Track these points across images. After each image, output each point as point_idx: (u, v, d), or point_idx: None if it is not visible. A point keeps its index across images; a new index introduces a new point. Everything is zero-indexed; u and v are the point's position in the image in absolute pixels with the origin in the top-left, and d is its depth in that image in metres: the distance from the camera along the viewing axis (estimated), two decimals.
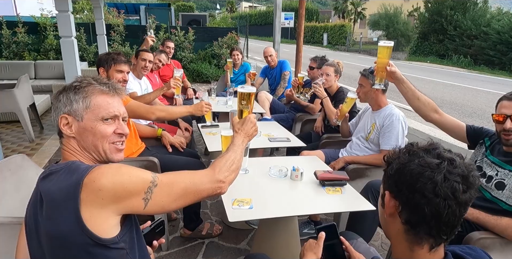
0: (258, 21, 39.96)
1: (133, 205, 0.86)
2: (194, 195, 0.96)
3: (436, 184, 0.71)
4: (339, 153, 2.48)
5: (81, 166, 0.87)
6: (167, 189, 0.91)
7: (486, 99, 8.29)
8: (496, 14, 17.52)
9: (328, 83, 2.93)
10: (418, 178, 0.72)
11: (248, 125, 1.27)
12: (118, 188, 0.84)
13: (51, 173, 0.87)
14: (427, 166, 0.72)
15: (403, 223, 0.77)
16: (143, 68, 2.98)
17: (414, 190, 0.73)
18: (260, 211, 1.46)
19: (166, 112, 2.20)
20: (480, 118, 6.35)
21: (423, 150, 0.76)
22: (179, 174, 0.97)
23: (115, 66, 2.21)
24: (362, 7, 31.32)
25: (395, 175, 0.77)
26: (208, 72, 8.68)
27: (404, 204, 0.76)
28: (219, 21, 11.99)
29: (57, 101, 0.97)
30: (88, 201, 0.81)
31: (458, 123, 1.77)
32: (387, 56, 1.71)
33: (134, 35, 8.51)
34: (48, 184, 0.85)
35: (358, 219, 1.80)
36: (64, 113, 0.96)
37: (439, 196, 0.70)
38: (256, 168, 1.90)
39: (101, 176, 0.83)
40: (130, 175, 0.87)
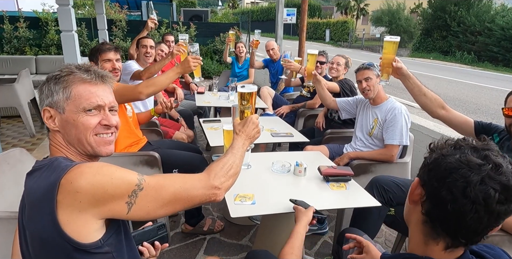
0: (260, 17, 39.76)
1: (114, 209, 0.78)
2: (184, 202, 0.88)
3: (469, 184, 0.65)
4: (343, 148, 2.45)
5: (61, 164, 0.80)
6: (154, 193, 0.83)
7: (490, 95, 8.23)
8: (500, 10, 17.35)
9: (337, 73, 2.91)
10: (451, 172, 0.67)
11: (250, 127, 1.18)
12: (98, 190, 0.76)
13: (35, 169, 0.82)
14: (466, 163, 0.66)
15: (423, 213, 0.73)
16: (145, 55, 2.93)
17: (443, 184, 0.68)
18: (262, 206, 1.43)
19: (154, 86, 1.96)
20: (484, 114, 6.30)
21: (471, 147, 0.70)
22: (169, 177, 0.89)
23: (101, 57, 2.12)
24: (365, 3, 31.09)
25: (431, 164, 0.72)
26: (210, 68, 8.64)
27: (429, 195, 0.72)
28: (221, 17, 11.92)
29: (40, 93, 0.90)
30: (64, 203, 0.74)
31: (465, 119, 1.72)
32: (393, 51, 1.67)
33: (136, 30, 8.41)
34: (30, 182, 0.81)
35: (363, 215, 1.76)
36: (46, 106, 0.89)
37: (467, 198, 0.65)
38: (258, 163, 1.87)
39: (79, 177, 0.75)
40: (112, 176, 0.78)
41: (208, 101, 3.42)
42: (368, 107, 2.33)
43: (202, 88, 3.90)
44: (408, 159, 2.27)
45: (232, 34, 4.27)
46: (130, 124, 2.22)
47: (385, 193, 1.72)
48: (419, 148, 3.04)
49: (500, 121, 5.57)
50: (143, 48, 2.91)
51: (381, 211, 1.71)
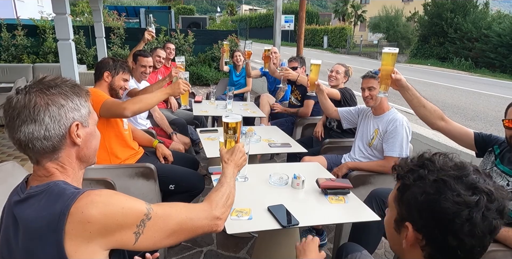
0: (258, 24, 40.03)
1: (122, 239, 0.77)
2: (188, 232, 0.88)
3: (475, 225, 0.63)
4: (341, 158, 2.42)
5: (66, 191, 0.76)
6: (161, 223, 0.82)
7: (488, 102, 8.24)
8: (496, 17, 17.51)
9: (336, 81, 2.90)
10: (454, 218, 0.64)
11: (238, 156, 1.22)
12: (109, 220, 0.74)
13: (30, 196, 0.77)
14: (464, 204, 0.63)
15: (425, 257, 0.70)
16: (142, 74, 2.94)
17: (448, 233, 0.65)
18: (259, 222, 1.40)
19: (141, 103, 1.95)
20: (482, 121, 6.29)
21: (454, 178, 0.66)
22: (175, 207, 0.89)
23: (122, 74, 2.19)
24: (363, 10, 31.34)
25: (422, 210, 0.67)
26: (208, 75, 8.65)
27: (431, 241, 0.68)
28: (219, 24, 12.00)
29: (57, 107, 0.81)
30: (73, 234, 0.71)
31: (465, 130, 1.70)
32: (392, 63, 1.66)
33: (134, 38, 8.47)
34: (26, 210, 0.75)
35: (362, 229, 1.73)
36: (75, 120, 0.84)
37: (475, 237, 0.63)
38: (255, 176, 1.84)
39: (90, 206, 0.73)
40: (123, 206, 0.77)
41: (205, 111, 3.39)
42: (370, 117, 2.31)
43: (199, 97, 3.88)
44: None
45: (227, 45, 4.27)
46: (125, 137, 2.20)
47: (384, 206, 1.68)
48: None
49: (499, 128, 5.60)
50: (142, 67, 2.91)
51: (381, 224, 1.66)
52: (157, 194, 2.11)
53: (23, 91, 0.79)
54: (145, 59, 2.91)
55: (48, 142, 0.80)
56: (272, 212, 1.46)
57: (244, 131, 2.53)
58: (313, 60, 2.34)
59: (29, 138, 0.78)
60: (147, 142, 2.44)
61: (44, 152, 0.81)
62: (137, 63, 2.90)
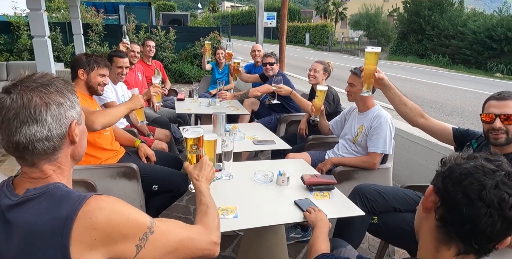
0: (241, 21, 39.87)
1: (123, 250, 0.74)
2: (188, 252, 0.86)
3: (484, 187, 0.67)
4: (325, 154, 2.44)
5: (71, 194, 0.74)
6: (163, 239, 0.80)
7: (464, 97, 8.49)
8: (472, 15, 18.04)
9: (315, 79, 2.90)
10: (467, 176, 0.69)
11: (206, 170, 1.20)
12: (114, 228, 0.72)
13: (28, 199, 0.73)
14: (481, 168, 0.69)
15: (437, 219, 0.74)
16: (119, 75, 2.87)
17: (459, 188, 0.69)
18: (245, 220, 1.39)
19: (109, 116, 1.94)
20: (459, 116, 6.48)
21: (485, 158, 0.73)
22: (176, 224, 0.88)
23: (98, 70, 2.11)
24: (343, 7, 31.69)
25: (445, 172, 0.74)
26: (191, 72, 8.56)
27: (444, 201, 0.73)
28: (201, 21, 11.85)
29: (59, 105, 0.78)
30: (79, 239, 0.68)
31: (444, 126, 1.76)
32: (375, 62, 1.68)
33: (113, 35, 8.27)
34: (25, 214, 0.71)
35: (346, 224, 1.75)
36: (74, 118, 0.82)
37: (483, 201, 0.66)
38: (240, 173, 1.83)
39: (98, 212, 0.71)
40: (129, 216, 0.76)
41: (188, 109, 3.35)
42: (355, 114, 2.34)
43: (182, 94, 3.82)
44: (390, 164, 2.29)
45: (208, 44, 4.24)
46: (106, 137, 2.15)
47: (368, 202, 1.71)
48: (399, 152, 3.08)
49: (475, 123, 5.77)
50: (118, 68, 2.85)
51: (365, 220, 1.70)
52: (140, 194, 2.07)
53: (16, 91, 0.75)
54: (121, 60, 2.85)
55: (49, 142, 0.77)
56: (299, 205, 1.49)
57: (228, 129, 2.51)
58: (320, 86, 2.35)
59: (31, 139, 0.74)
60: (128, 142, 2.39)
61: (45, 153, 0.78)
62: (112, 64, 2.83)
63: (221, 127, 2.44)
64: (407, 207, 1.72)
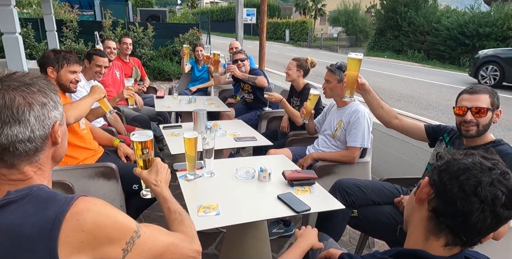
0: (220, 17, 39.53)
1: (110, 254, 0.73)
2: (172, 257, 0.85)
3: (480, 183, 0.69)
4: (306, 150, 2.47)
5: (57, 196, 0.72)
6: (149, 243, 0.80)
7: (439, 92, 8.74)
8: (445, 12, 18.54)
9: (290, 77, 2.93)
10: (465, 172, 0.71)
11: (163, 172, 1.13)
12: (101, 231, 0.71)
13: (10, 202, 0.70)
14: (479, 165, 0.71)
15: (430, 210, 0.76)
16: (96, 74, 2.78)
17: (455, 182, 0.71)
18: (227, 217, 1.40)
19: (77, 109, 1.89)
20: (435, 110, 6.67)
21: (481, 156, 0.75)
22: (160, 230, 0.87)
23: (68, 67, 2.02)
24: (322, 4, 31.95)
25: (442, 166, 0.76)
26: (170, 69, 8.43)
27: (438, 193, 0.75)
28: (179, 17, 11.68)
29: (42, 106, 0.76)
30: (66, 241, 0.67)
31: (417, 125, 1.85)
32: (357, 68, 1.72)
33: (89, 32, 8.01)
34: (8, 217, 0.68)
35: (327, 218, 1.78)
36: (57, 119, 0.80)
37: (477, 196, 0.69)
38: (222, 170, 1.83)
39: (86, 214, 0.70)
40: (116, 219, 0.74)
41: (168, 106, 3.30)
42: (334, 109, 2.38)
43: (161, 92, 3.76)
44: (369, 158, 2.34)
45: (187, 48, 4.17)
46: (83, 137, 2.10)
47: (348, 196, 1.75)
48: (377, 146, 3.15)
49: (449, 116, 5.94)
50: (97, 67, 2.75)
51: (345, 213, 1.74)
52: (119, 194, 2.03)
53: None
54: (101, 59, 2.76)
55: (31, 143, 0.75)
56: (283, 200, 1.51)
57: (208, 126, 2.50)
58: (313, 90, 2.37)
59: (12, 140, 0.72)
60: (107, 141, 2.34)
61: (26, 154, 0.75)
62: (91, 62, 2.74)
63: (201, 124, 2.43)
64: (386, 200, 1.77)
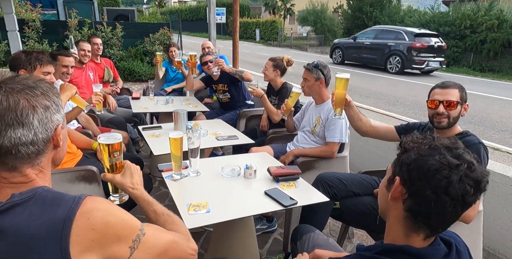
0: (189, 17, 39.01)
1: (118, 252, 0.74)
2: (175, 254, 0.86)
3: (451, 183, 0.72)
4: (286, 147, 2.53)
5: (64, 196, 0.72)
6: (153, 240, 0.81)
7: (405, 88, 9.15)
8: (408, 11, 19.37)
9: (267, 77, 2.99)
10: (435, 174, 0.74)
11: (137, 175, 1.09)
12: (109, 230, 0.72)
13: (15, 204, 0.70)
14: (447, 164, 0.74)
15: (405, 210, 0.79)
16: (64, 75, 2.69)
17: (427, 184, 0.74)
18: (218, 214, 1.42)
19: None
20: (402, 106, 6.98)
21: (445, 147, 0.77)
22: (159, 228, 0.89)
23: (41, 68, 1.96)
24: (291, 4, 32.33)
25: (411, 164, 0.78)
26: (141, 70, 8.26)
27: (411, 194, 0.78)
28: (148, 17, 11.43)
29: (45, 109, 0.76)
30: (77, 241, 0.68)
31: (389, 128, 1.98)
32: (345, 87, 1.80)
33: (53, 32, 7.72)
34: (15, 219, 0.68)
35: (311, 211, 1.85)
36: (59, 122, 0.80)
37: (449, 195, 0.73)
38: (207, 169, 1.85)
39: (96, 213, 0.71)
40: (123, 218, 0.76)
41: (145, 107, 3.26)
42: (312, 107, 2.45)
43: (137, 93, 3.69)
44: (346, 153, 2.44)
45: (160, 55, 4.10)
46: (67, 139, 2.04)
47: (330, 189, 1.83)
48: (352, 141, 3.27)
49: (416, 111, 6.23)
50: (63, 68, 2.67)
51: (327, 205, 1.81)
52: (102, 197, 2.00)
53: (1, 92, 0.71)
54: (66, 58, 2.68)
55: (34, 146, 0.75)
56: (270, 195, 1.56)
57: (189, 126, 2.50)
58: (295, 89, 2.41)
59: (15, 143, 0.72)
60: (85, 144, 2.28)
61: (28, 157, 0.75)
62: (57, 63, 2.66)
63: (182, 125, 2.43)
64: (365, 191, 1.87)
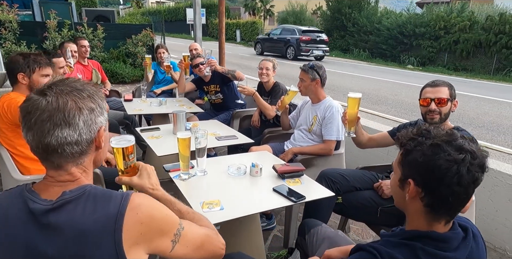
0: (168, 18, 38.53)
1: (161, 246, 0.79)
2: (210, 247, 0.90)
3: (462, 176, 0.79)
4: (284, 145, 2.59)
5: (112, 193, 0.77)
6: (190, 234, 0.86)
7: (386, 87, 9.42)
8: (384, 13, 19.92)
9: (267, 77, 3.04)
10: (446, 172, 0.80)
11: (153, 175, 1.08)
12: (155, 224, 0.76)
13: (66, 202, 0.74)
14: (453, 160, 0.80)
15: (425, 206, 0.86)
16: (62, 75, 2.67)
17: (441, 183, 0.81)
18: (232, 211, 1.46)
19: None
20: (384, 104, 7.19)
21: (445, 142, 0.82)
22: (193, 223, 0.92)
23: (40, 71, 1.94)
24: (271, 5, 32.53)
25: (421, 167, 0.83)
26: (124, 72, 8.14)
27: (428, 193, 0.84)
28: (129, 18, 11.26)
29: (88, 111, 0.78)
30: (128, 235, 0.72)
31: (383, 135, 2.07)
32: (357, 106, 1.86)
33: (31, 33, 7.50)
34: (68, 215, 0.72)
35: (314, 207, 1.91)
36: (102, 125, 0.84)
37: (462, 186, 0.80)
38: (213, 168, 1.88)
39: (143, 208, 0.76)
40: (166, 213, 0.81)
41: (140, 109, 3.24)
42: (309, 105, 2.53)
43: (129, 95, 3.67)
44: (343, 150, 2.53)
45: (148, 58, 4.10)
46: None
47: (333, 184, 1.90)
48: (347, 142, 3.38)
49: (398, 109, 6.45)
50: (60, 69, 2.65)
51: (330, 200, 1.88)
52: None
53: (52, 93, 0.74)
54: (60, 60, 2.70)
55: (78, 146, 0.78)
56: (279, 191, 1.62)
57: (188, 127, 2.52)
58: (293, 87, 2.46)
59: (61, 142, 0.75)
60: None
61: (72, 156, 0.78)
62: (54, 66, 2.63)
63: (181, 126, 2.45)
64: (365, 186, 1.95)
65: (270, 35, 17.31)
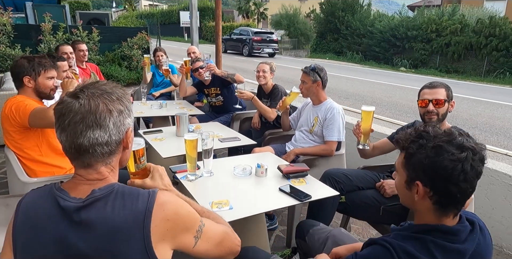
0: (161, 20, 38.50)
1: (185, 242, 0.82)
2: (228, 244, 0.94)
3: (467, 173, 0.84)
4: (285, 147, 2.63)
5: (140, 191, 0.80)
6: (210, 231, 0.89)
7: (380, 89, 9.54)
8: (377, 16, 20.18)
9: (265, 80, 3.08)
10: (452, 172, 0.84)
11: (166, 176, 1.09)
12: (179, 220, 0.80)
13: (97, 199, 0.77)
14: (457, 160, 0.84)
15: (433, 203, 0.90)
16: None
17: (448, 182, 0.85)
18: (241, 210, 1.50)
19: None
20: (379, 106, 7.29)
21: (446, 142, 0.86)
22: (211, 221, 0.95)
23: (45, 73, 1.95)
24: (264, 8, 32.70)
25: (427, 170, 0.87)
26: (119, 75, 8.13)
27: (436, 192, 0.89)
28: (124, 21, 11.25)
29: (119, 113, 0.82)
30: (156, 231, 0.75)
31: (383, 141, 2.12)
32: (371, 119, 1.89)
33: (26, 36, 7.46)
34: (98, 212, 0.75)
35: (318, 206, 1.95)
36: (130, 126, 0.87)
37: (468, 182, 0.85)
38: (218, 170, 1.91)
39: (169, 205, 0.79)
40: (189, 210, 0.84)
41: (141, 112, 3.26)
42: (309, 107, 2.57)
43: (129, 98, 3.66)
44: (343, 150, 2.58)
45: (147, 58, 4.11)
46: None
47: (337, 184, 1.94)
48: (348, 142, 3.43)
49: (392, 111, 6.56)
50: (64, 72, 2.63)
51: (334, 200, 1.92)
52: None
53: (84, 96, 0.78)
54: (64, 63, 2.68)
55: (107, 147, 0.81)
56: (285, 191, 1.66)
57: (191, 129, 2.55)
58: (295, 89, 2.50)
59: (93, 143, 0.78)
60: None
61: (102, 156, 0.82)
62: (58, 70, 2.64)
63: (185, 128, 2.47)
64: (368, 185, 2.00)
65: (231, 36, 19.95)
